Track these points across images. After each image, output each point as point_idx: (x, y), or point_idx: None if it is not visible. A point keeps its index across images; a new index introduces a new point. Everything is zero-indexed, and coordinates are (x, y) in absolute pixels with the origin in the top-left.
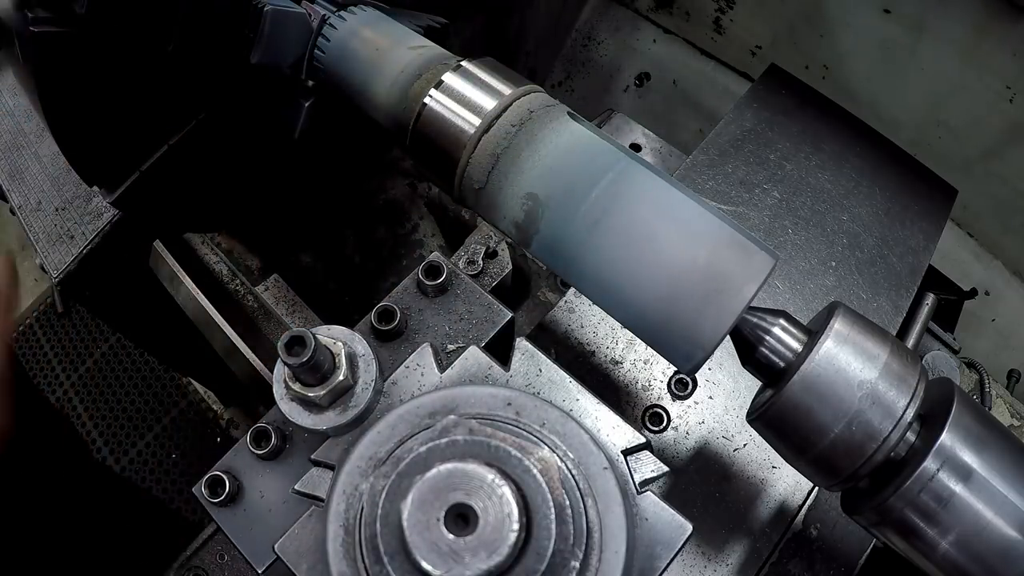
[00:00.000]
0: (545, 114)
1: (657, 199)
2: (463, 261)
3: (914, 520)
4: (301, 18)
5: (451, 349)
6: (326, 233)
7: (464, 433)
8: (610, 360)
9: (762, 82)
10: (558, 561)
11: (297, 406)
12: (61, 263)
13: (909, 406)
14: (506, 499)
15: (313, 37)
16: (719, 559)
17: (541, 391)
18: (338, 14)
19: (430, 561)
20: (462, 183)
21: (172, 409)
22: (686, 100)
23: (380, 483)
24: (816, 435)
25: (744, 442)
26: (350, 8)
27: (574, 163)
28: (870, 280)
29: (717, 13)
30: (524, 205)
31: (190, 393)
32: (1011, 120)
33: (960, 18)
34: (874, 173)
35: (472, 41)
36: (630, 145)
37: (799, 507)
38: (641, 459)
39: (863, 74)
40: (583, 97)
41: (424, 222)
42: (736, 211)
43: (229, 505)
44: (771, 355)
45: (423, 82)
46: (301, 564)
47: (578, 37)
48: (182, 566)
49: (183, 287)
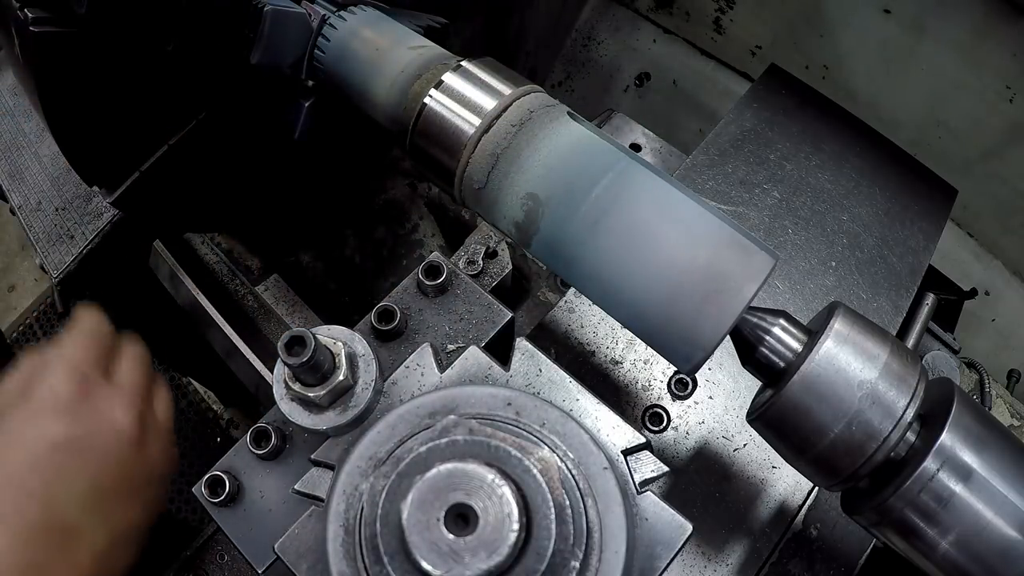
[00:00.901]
0: (545, 114)
1: (657, 199)
2: (463, 261)
3: (914, 520)
4: (301, 18)
5: (451, 349)
6: (326, 233)
7: (464, 433)
8: (610, 360)
9: (762, 82)
10: (558, 561)
11: (297, 406)
12: (61, 263)
13: (909, 406)
14: (506, 499)
15: (313, 37)
16: (719, 559)
17: (541, 391)
18: (338, 14)
19: (430, 561)
20: (462, 183)
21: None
22: (686, 100)
23: (380, 483)
24: (816, 435)
25: (744, 442)
26: (350, 8)
27: (574, 163)
28: (870, 280)
29: (717, 13)
30: (524, 205)
31: (190, 393)
32: (1011, 120)
33: (960, 18)
34: (874, 173)
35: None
36: (630, 145)
37: (799, 507)
38: (641, 459)
39: (863, 74)
40: (583, 97)
41: (424, 222)
42: (736, 211)
43: (229, 505)
44: (771, 355)
45: (423, 82)
46: (301, 564)
47: (578, 37)
48: (182, 566)
49: (183, 287)
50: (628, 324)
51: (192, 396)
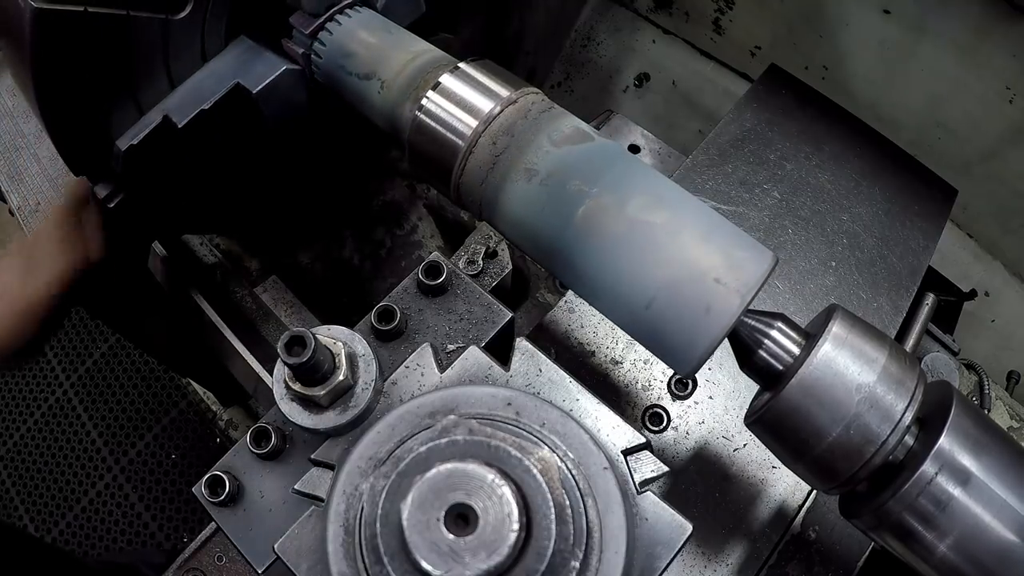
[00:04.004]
0: (542, 116)
1: (654, 201)
2: (463, 261)
3: (912, 524)
4: (286, 75)
5: (451, 349)
6: (325, 234)
7: (464, 433)
8: (610, 360)
9: (762, 82)
10: (558, 561)
11: (297, 406)
12: None
13: (907, 410)
14: (506, 499)
15: (306, 69)
16: (719, 559)
17: (541, 391)
18: (335, 18)
19: (430, 561)
20: (460, 185)
21: (172, 409)
22: (685, 101)
23: (380, 483)
24: (814, 438)
25: (744, 442)
26: (346, 11)
27: (571, 165)
28: (870, 280)
29: (716, 14)
30: (523, 206)
31: (189, 394)
32: (1011, 121)
33: (960, 19)
34: (874, 173)
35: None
36: (629, 146)
37: (799, 508)
38: (641, 459)
39: (863, 74)
40: (582, 98)
41: (423, 223)
42: (736, 211)
43: (229, 505)
44: (769, 358)
45: (421, 84)
46: (301, 564)
47: (577, 38)
48: (180, 568)
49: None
50: (625, 326)
51: (191, 397)
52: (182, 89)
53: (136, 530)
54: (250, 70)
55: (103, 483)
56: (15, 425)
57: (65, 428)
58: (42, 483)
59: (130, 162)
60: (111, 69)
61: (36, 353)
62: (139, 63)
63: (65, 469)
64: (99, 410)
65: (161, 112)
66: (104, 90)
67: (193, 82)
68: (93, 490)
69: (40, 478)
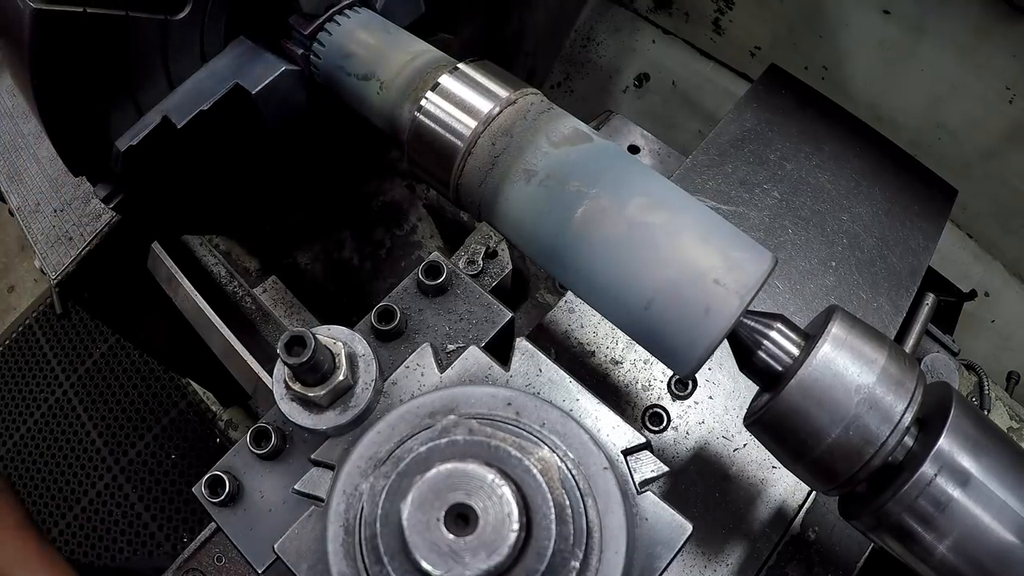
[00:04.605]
0: (541, 117)
1: (653, 202)
2: (463, 261)
3: (911, 525)
4: (285, 75)
5: (451, 349)
6: (324, 235)
7: (464, 433)
8: (610, 360)
9: (762, 82)
10: (558, 561)
11: (297, 406)
12: (60, 264)
13: (907, 411)
14: (506, 499)
15: (304, 68)
16: (719, 559)
17: (541, 391)
18: (334, 19)
19: (430, 561)
20: (459, 186)
21: (171, 410)
22: (685, 101)
23: (380, 483)
24: (813, 439)
25: (744, 442)
26: (345, 12)
27: (570, 166)
28: (870, 280)
29: (716, 14)
30: (521, 206)
31: (189, 394)
32: (1011, 121)
33: (960, 19)
34: (874, 173)
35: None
36: (629, 147)
37: (798, 508)
38: (641, 459)
39: (863, 75)
40: (582, 98)
41: (423, 224)
42: (736, 211)
43: (229, 505)
44: (768, 359)
45: (420, 85)
46: (301, 564)
47: (577, 38)
48: (180, 568)
49: (181, 289)
50: (624, 327)
51: (191, 397)
52: (181, 90)
53: (136, 530)
54: (249, 71)
55: (103, 483)
56: (15, 425)
57: (65, 428)
58: (42, 483)
59: (129, 163)
60: (110, 70)
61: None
62: (138, 64)
63: (65, 469)
64: (99, 410)
65: (160, 113)
66: (103, 91)
67: (192, 83)
68: (93, 490)
69: (40, 478)
